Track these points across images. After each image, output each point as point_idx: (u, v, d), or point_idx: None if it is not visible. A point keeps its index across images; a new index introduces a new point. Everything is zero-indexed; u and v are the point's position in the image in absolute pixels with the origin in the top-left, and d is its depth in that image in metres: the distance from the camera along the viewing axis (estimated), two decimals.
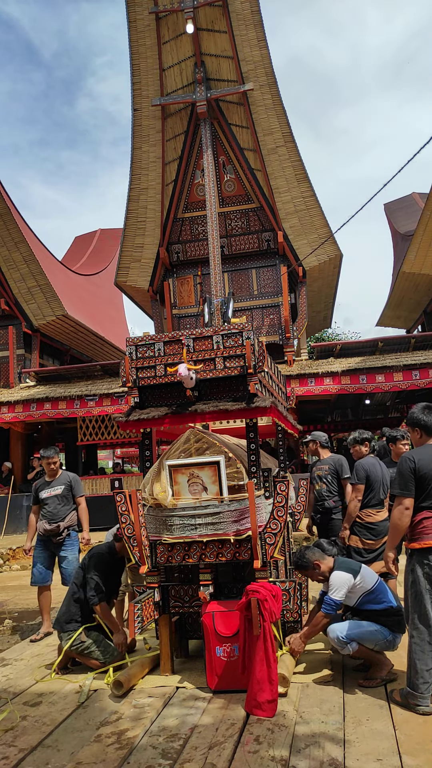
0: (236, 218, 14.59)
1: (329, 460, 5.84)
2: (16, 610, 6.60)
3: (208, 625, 3.64)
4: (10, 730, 3.31)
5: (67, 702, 3.66)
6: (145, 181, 14.24)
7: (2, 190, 14.29)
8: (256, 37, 12.84)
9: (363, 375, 12.20)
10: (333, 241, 13.59)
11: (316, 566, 3.86)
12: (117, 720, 3.32)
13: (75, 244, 25.78)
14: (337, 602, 3.68)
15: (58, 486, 5.52)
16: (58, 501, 5.47)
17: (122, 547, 4.42)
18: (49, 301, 14.75)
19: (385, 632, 3.65)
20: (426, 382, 11.90)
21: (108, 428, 13.33)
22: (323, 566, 3.85)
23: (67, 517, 5.46)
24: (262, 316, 14.40)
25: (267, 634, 3.36)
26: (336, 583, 3.71)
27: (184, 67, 13.65)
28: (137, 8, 13.09)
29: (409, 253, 14.57)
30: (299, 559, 3.93)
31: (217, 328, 3.87)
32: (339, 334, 32.44)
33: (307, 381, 12.43)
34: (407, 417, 3.74)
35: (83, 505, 5.63)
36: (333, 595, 3.68)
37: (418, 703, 3.15)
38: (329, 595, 3.70)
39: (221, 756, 2.81)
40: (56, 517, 5.41)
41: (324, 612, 3.70)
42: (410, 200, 21.15)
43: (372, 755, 2.74)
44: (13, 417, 13.23)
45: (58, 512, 5.43)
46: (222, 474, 3.69)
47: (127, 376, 3.97)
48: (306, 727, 3.07)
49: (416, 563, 3.28)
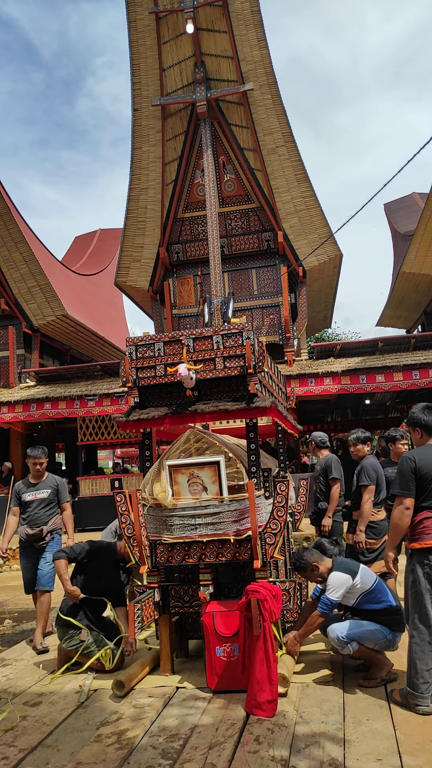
0: (236, 218, 14.58)
1: (322, 461, 5.90)
2: (16, 610, 6.60)
3: (208, 625, 3.64)
4: (10, 730, 3.31)
5: (67, 702, 3.66)
6: (145, 181, 14.24)
7: (2, 190, 14.28)
8: (256, 37, 12.84)
9: (363, 375, 12.19)
10: (333, 241, 13.59)
11: (315, 568, 3.86)
12: (117, 720, 3.31)
13: (75, 244, 25.78)
14: (333, 602, 3.67)
15: (44, 489, 5.25)
16: (42, 505, 5.20)
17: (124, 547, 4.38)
18: (49, 301, 14.75)
19: (385, 631, 3.65)
20: (426, 382, 11.90)
21: (108, 428, 13.33)
22: (321, 567, 3.85)
23: (50, 521, 5.21)
24: (262, 316, 14.40)
25: (267, 634, 3.36)
26: (334, 583, 3.71)
27: (184, 67, 13.65)
28: (137, 8, 13.09)
29: (409, 253, 14.57)
30: (297, 561, 3.93)
31: (217, 328, 3.87)
32: (339, 334, 32.44)
33: (307, 381, 12.42)
34: (408, 417, 3.74)
35: (68, 512, 5.38)
36: (330, 595, 3.68)
37: (418, 703, 3.15)
38: (326, 595, 3.70)
39: (221, 756, 2.81)
40: (39, 522, 5.14)
41: (320, 612, 3.70)
42: (410, 200, 21.14)
43: (372, 755, 2.74)
44: (13, 417, 13.23)
45: (41, 516, 5.16)
46: (222, 474, 3.69)
47: (127, 376, 3.97)
48: (306, 727, 3.07)
49: (416, 563, 3.28)
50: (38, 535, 5.13)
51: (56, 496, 5.31)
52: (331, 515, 5.69)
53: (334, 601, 3.68)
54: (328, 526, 5.68)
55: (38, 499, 5.21)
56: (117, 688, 3.67)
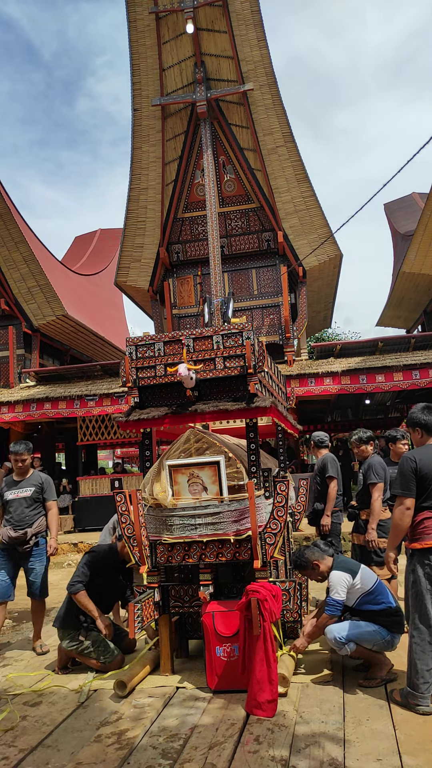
0: (236, 218, 14.58)
1: (319, 460, 5.91)
2: (16, 610, 6.60)
3: (208, 625, 3.64)
4: (10, 730, 3.31)
5: (67, 702, 3.66)
6: (145, 181, 14.23)
7: (2, 190, 14.29)
8: (256, 37, 12.83)
9: (363, 375, 12.19)
10: (333, 241, 13.59)
11: (315, 566, 3.86)
12: (117, 720, 3.31)
13: (75, 244, 25.77)
14: (339, 602, 3.67)
15: (27, 487, 4.93)
16: (25, 504, 4.88)
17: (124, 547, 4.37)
18: (49, 301, 14.75)
19: (383, 632, 3.64)
20: (426, 382, 11.89)
21: (108, 428, 13.32)
22: (322, 566, 3.85)
23: (35, 523, 4.88)
24: (262, 316, 14.39)
25: (267, 634, 3.36)
26: (334, 582, 3.71)
27: (184, 67, 13.65)
28: (137, 8, 13.09)
29: (409, 253, 14.56)
30: (298, 558, 3.93)
31: (217, 328, 3.87)
32: (339, 334, 32.44)
33: (307, 381, 12.42)
34: (407, 417, 3.73)
35: (54, 510, 5.04)
36: (333, 596, 3.68)
37: (418, 703, 3.15)
38: (330, 596, 3.70)
39: (221, 756, 2.81)
40: (22, 523, 4.82)
41: (328, 614, 3.69)
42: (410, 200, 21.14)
43: (372, 755, 2.74)
44: (13, 417, 13.22)
45: (25, 517, 4.84)
46: (222, 474, 3.69)
47: (127, 376, 3.97)
48: (306, 727, 3.07)
49: (417, 563, 3.28)
50: (22, 539, 4.81)
51: (41, 494, 4.97)
52: (329, 514, 5.69)
53: (339, 600, 3.67)
54: (327, 525, 5.68)
55: (21, 497, 4.90)
56: (119, 688, 3.67)
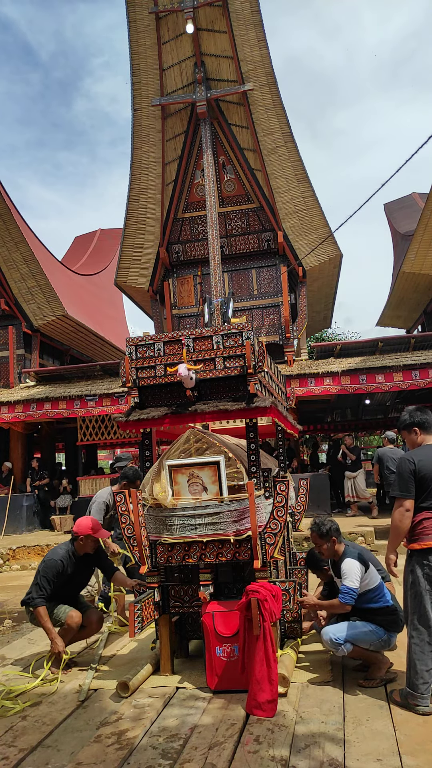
0: (236, 218, 14.58)
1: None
2: (16, 609, 6.60)
3: (208, 625, 3.64)
4: (10, 730, 3.31)
5: (67, 702, 3.66)
6: (145, 181, 14.23)
7: (2, 190, 14.28)
8: (256, 37, 12.83)
9: (363, 375, 12.19)
10: (333, 241, 13.58)
11: (334, 541, 3.83)
12: (117, 720, 3.31)
13: (75, 244, 25.78)
14: (354, 590, 3.61)
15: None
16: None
17: (85, 545, 4.35)
18: (49, 301, 14.75)
19: (380, 632, 3.64)
20: (426, 382, 11.89)
21: (108, 428, 13.33)
22: (336, 545, 3.83)
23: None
24: (262, 316, 14.39)
25: (267, 634, 3.36)
26: (348, 570, 3.65)
27: (184, 67, 13.64)
28: (137, 8, 13.09)
29: (409, 253, 14.56)
30: (321, 525, 3.82)
31: (217, 328, 3.87)
32: (339, 334, 32.44)
33: (307, 381, 12.42)
34: (398, 423, 3.70)
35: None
36: (347, 583, 3.62)
37: (417, 703, 3.15)
38: (344, 584, 3.64)
39: (221, 756, 2.81)
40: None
41: (342, 602, 3.63)
42: (410, 200, 21.15)
43: (372, 755, 2.74)
44: (13, 417, 13.22)
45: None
46: (222, 474, 3.69)
47: (127, 376, 3.97)
48: (306, 727, 3.07)
49: (416, 564, 3.28)
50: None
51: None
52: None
53: (354, 588, 3.61)
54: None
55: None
56: (121, 689, 3.67)
